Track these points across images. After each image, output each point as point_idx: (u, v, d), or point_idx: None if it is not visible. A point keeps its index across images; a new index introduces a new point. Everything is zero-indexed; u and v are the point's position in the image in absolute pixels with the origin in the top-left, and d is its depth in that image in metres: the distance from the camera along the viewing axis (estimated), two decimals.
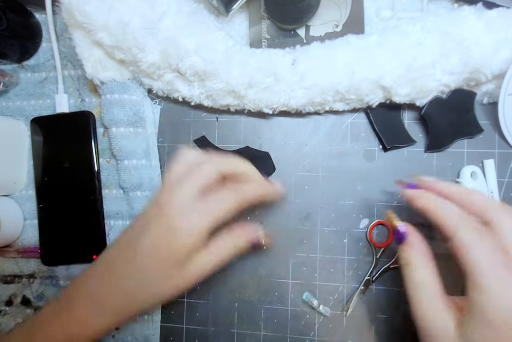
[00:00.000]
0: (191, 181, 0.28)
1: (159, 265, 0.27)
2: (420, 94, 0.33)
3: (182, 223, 0.27)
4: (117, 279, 0.28)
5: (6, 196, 0.41)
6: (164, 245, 0.27)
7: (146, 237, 0.28)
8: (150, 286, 0.28)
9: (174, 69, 0.35)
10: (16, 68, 0.42)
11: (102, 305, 0.28)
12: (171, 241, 0.27)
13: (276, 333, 0.38)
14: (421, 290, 0.25)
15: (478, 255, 0.22)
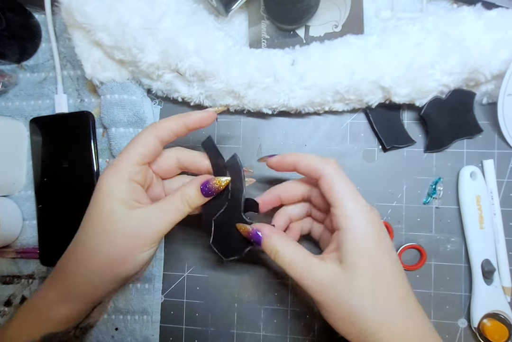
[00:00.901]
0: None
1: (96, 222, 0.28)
2: (420, 95, 0.34)
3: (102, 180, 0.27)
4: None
5: (5, 196, 0.41)
6: (94, 203, 0.27)
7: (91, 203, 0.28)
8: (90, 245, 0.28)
9: (174, 69, 0.35)
10: (15, 69, 0.42)
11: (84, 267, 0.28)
12: (97, 198, 0.27)
13: (276, 334, 0.38)
14: (296, 263, 0.25)
15: (344, 183, 0.26)
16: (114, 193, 0.27)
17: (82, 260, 0.28)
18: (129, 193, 0.27)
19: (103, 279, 0.28)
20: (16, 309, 0.41)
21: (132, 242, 0.27)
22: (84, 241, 0.28)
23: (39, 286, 0.41)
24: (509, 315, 0.34)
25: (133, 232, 0.27)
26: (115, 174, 0.27)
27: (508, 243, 0.35)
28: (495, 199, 0.35)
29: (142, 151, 0.28)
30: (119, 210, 0.27)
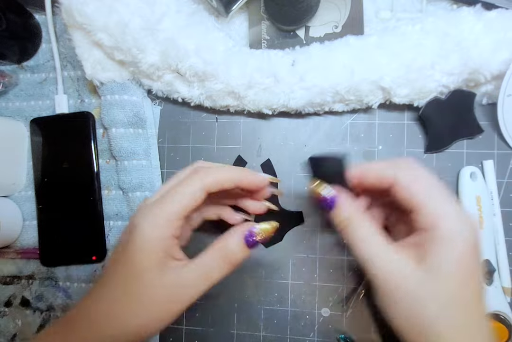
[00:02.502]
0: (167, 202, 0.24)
1: (125, 281, 0.24)
2: (420, 95, 0.34)
3: (138, 224, 0.24)
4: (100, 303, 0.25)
5: (5, 196, 0.41)
6: (126, 253, 0.24)
7: (116, 251, 0.26)
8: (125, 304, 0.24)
9: (174, 70, 0.35)
10: (15, 69, 0.42)
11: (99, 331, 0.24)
12: (130, 248, 0.24)
13: (276, 334, 0.38)
14: (370, 244, 0.23)
15: (425, 184, 0.23)
16: (152, 252, 0.23)
17: (97, 322, 0.24)
18: (168, 250, 0.24)
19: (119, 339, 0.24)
20: (16, 309, 0.41)
21: (160, 311, 0.23)
22: (103, 298, 0.24)
23: (39, 287, 0.41)
24: (509, 315, 0.34)
25: (167, 298, 0.23)
26: (156, 229, 0.23)
27: (508, 243, 0.35)
28: (495, 199, 0.35)
29: (186, 204, 0.24)
30: (156, 274, 0.23)
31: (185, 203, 0.24)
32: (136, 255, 0.23)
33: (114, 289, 0.24)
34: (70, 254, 0.40)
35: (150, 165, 0.39)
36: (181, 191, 0.25)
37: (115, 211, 0.40)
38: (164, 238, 0.24)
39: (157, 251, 0.23)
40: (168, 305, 0.24)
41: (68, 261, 0.40)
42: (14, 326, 0.41)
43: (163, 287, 0.23)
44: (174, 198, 0.24)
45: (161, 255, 0.24)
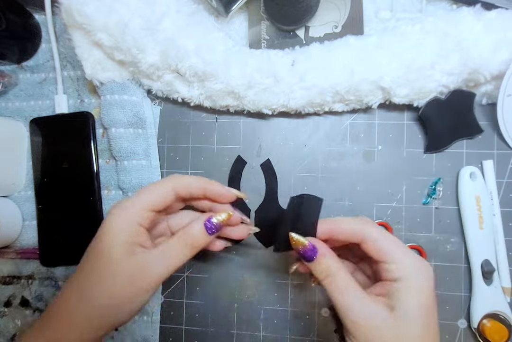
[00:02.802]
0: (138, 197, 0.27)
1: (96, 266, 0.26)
2: (419, 95, 0.34)
3: (110, 213, 0.26)
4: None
5: (5, 196, 0.41)
6: (96, 244, 0.26)
7: (93, 239, 0.27)
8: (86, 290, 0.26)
9: (174, 70, 0.35)
10: (15, 69, 0.42)
11: (74, 313, 0.26)
12: (103, 238, 0.26)
13: (276, 334, 0.38)
14: (349, 293, 0.25)
15: (392, 242, 0.26)
16: (118, 236, 0.26)
17: (75, 305, 0.26)
18: (134, 236, 0.26)
19: (95, 326, 0.26)
20: (15, 309, 0.41)
21: (128, 290, 0.26)
22: (79, 284, 0.27)
23: (38, 287, 0.41)
24: (509, 315, 0.34)
25: (130, 278, 0.25)
26: (124, 216, 0.26)
27: (507, 243, 0.35)
28: (495, 199, 0.35)
29: (155, 200, 0.27)
30: (120, 254, 0.25)
31: (154, 198, 0.27)
32: (106, 240, 0.26)
33: (89, 273, 0.26)
34: (69, 254, 0.40)
35: (150, 166, 0.39)
36: (152, 188, 0.28)
37: None
38: (130, 224, 0.26)
39: (124, 235, 0.26)
40: (133, 286, 0.26)
41: (67, 261, 0.40)
42: (14, 326, 0.41)
43: (129, 269, 0.25)
44: (144, 193, 0.27)
45: (128, 240, 0.26)
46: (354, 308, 0.25)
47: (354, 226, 0.27)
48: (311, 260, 0.26)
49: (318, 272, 0.26)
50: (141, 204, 0.27)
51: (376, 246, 0.26)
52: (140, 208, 0.27)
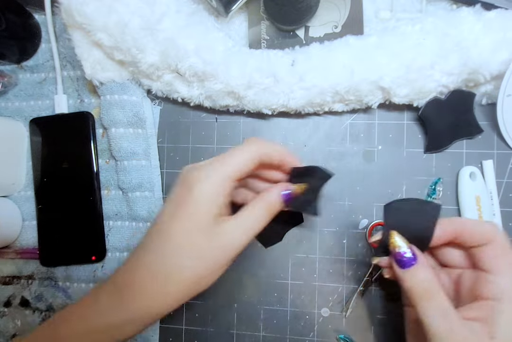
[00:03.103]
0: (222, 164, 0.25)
1: (182, 233, 0.24)
2: (419, 95, 0.34)
3: (195, 181, 0.24)
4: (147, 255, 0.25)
5: (5, 196, 0.41)
6: (183, 210, 0.24)
7: (170, 204, 0.26)
8: (173, 258, 0.24)
9: (174, 70, 0.35)
10: (15, 69, 0.42)
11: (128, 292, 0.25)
12: (188, 204, 0.24)
13: (276, 334, 0.38)
14: (447, 318, 0.22)
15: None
16: (210, 208, 0.24)
17: (157, 272, 0.24)
18: (218, 207, 0.25)
19: (171, 298, 0.24)
20: (15, 309, 0.41)
21: (215, 262, 0.25)
22: (161, 249, 0.25)
23: (38, 287, 0.41)
24: None
25: (213, 250, 0.24)
26: (209, 186, 0.24)
27: None
28: (495, 199, 0.35)
29: (241, 169, 0.25)
30: (209, 225, 0.24)
31: (239, 167, 0.25)
32: (196, 212, 0.24)
33: (174, 241, 0.24)
34: (69, 254, 0.40)
35: (150, 165, 0.39)
36: (239, 154, 0.26)
37: (115, 211, 0.40)
38: (216, 194, 0.25)
39: (210, 206, 0.24)
40: (220, 258, 0.25)
41: (67, 261, 0.40)
42: (14, 326, 0.41)
43: (210, 241, 0.24)
44: (228, 160, 0.25)
45: (213, 211, 0.24)
46: (452, 335, 0.22)
47: (485, 228, 0.24)
48: (407, 267, 0.24)
49: (411, 284, 0.24)
50: (226, 173, 0.25)
51: (498, 252, 0.23)
52: (225, 178, 0.25)
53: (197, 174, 0.25)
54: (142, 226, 0.39)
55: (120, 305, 0.24)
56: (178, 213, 0.25)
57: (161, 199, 0.40)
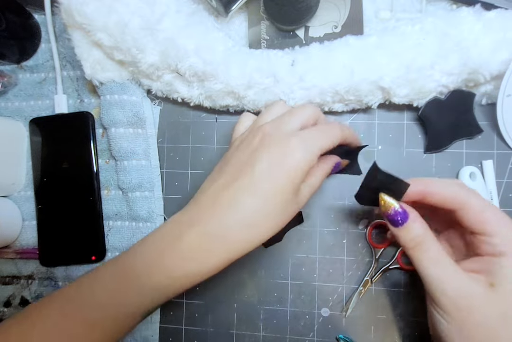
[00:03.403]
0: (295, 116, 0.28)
1: (278, 190, 0.25)
2: (419, 95, 0.34)
3: (297, 148, 0.25)
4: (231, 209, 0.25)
5: (5, 196, 0.41)
6: (281, 170, 0.25)
7: (263, 161, 0.26)
8: (270, 215, 0.25)
9: (173, 70, 0.35)
10: (15, 69, 0.42)
11: (219, 238, 0.25)
12: (288, 166, 0.25)
13: (276, 334, 0.38)
14: (443, 265, 0.23)
15: (497, 214, 0.24)
16: (303, 175, 0.26)
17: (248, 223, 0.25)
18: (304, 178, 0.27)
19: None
20: (15, 309, 0.41)
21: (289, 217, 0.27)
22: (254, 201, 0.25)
23: (38, 287, 0.41)
24: None
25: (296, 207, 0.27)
26: (310, 159, 0.26)
27: None
28: (495, 199, 0.35)
29: (329, 147, 0.27)
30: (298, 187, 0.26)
31: (334, 143, 0.27)
32: (295, 172, 0.25)
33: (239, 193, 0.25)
34: (69, 254, 0.40)
35: (150, 165, 0.39)
36: (335, 131, 0.28)
37: (115, 211, 0.40)
38: (311, 165, 0.26)
39: (305, 173, 0.26)
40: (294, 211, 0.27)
41: (67, 261, 0.40)
42: None
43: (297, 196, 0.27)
44: (329, 135, 0.27)
45: (304, 177, 0.26)
46: (450, 282, 0.23)
47: (455, 190, 0.24)
48: (400, 225, 0.25)
49: (407, 239, 0.24)
50: (322, 148, 0.26)
51: (479, 216, 0.24)
52: (319, 152, 0.26)
53: (296, 141, 0.26)
54: (142, 226, 0.39)
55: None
56: (278, 172, 0.25)
57: (161, 199, 0.40)
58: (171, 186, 0.40)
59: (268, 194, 0.25)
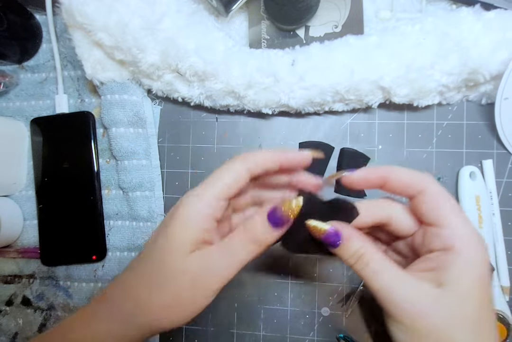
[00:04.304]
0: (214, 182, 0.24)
1: (164, 256, 0.23)
2: (420, 95, 0.34)
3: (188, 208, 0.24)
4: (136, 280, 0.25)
5: (6, 196, 0.42)
6: (169, 232, 0.23)
7: (160, 224, 0.25)
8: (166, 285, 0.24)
9: (174, 69, 0.35)
10: (16, 69, 0.42)
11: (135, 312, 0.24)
12: (177, 228, 0.23)
13: (276, 333, 0.38)
14: (386, 273, 0.22)
15: (452, 204, 0.23)
16: (190, 230, 0.23)
17: (132, 295, 0.24)
18: (205, 231, 0.23)
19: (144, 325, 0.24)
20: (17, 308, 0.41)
21: (190, 292, 0.24)
22: (140, 274, 0.24)
23: (39, 286, 0.41)
24: (508, 314, 0.34)
25: (194, 279, 0.23)
26: (197, 207, 0.23)
27: (506, 242, 0.35)
28: (494, 199, 0.35)
29: (231, 185, 0.24)
30: (187, 252, 0.23)
31: (228, 183, 0.24)
32: (178, 233, 0.23)
33: (152, 265, 0.24)
34: (70, 253, 0.40)
35: (150, 165, 0.39)
36: (224, 172, 0.24)
37: (115, 210, 0.40)
38: (204, 216, 0.23)
39: (196, 229, 0.23)
40: (194, 290, 0.24)
41: (68, 261, 0.40)
42: (16, 325, 0.41)
43: (191, 269, 0.23)
44: (216, 179, 0.24)
45: (199, 236, 0.23)
46: (395, 289, 0.22)
47: (415, 175, 0.23)
48: (337, 245, 0.23)
49: (346, 257, 0.23)
50: (216, 192, 0.23)
51: (434, 204, 0.23)
52: (216, 197, 0.23)
53: (184, 198, 0.24)
54: (142, 225, 0.39)
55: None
56: (159, 237, 0.24)
57: (161, 199, 0.40)
58: (172, 185, 0.41)
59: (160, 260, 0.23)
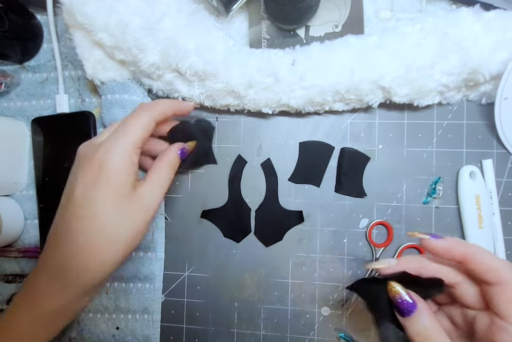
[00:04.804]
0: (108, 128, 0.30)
1: (109, 204, 0.26)
2: (419, 95, 0.34)
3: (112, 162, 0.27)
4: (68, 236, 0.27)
5: (7, 196, 0.42)
6: (103, 187, 0.26)
7: (78, 184, 0.27)
8: (107, 228, 0.26)
9: (174, 69, 0.35)
10: (17, 69, 0.43)
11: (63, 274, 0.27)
12: (110, 181, 0.27)
13: (276, 333, 0.38)
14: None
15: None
16: (126, 177, 0.27)
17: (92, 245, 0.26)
18: (134, 174, 0.28)
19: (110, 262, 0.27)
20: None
21: (142, 222, 0.27)
22: (89, 225, 0.26)
23: None
24: None
25: (142, 211, 0.27)
26: (124, 157, 0.27)
27: (506, 242, 0.35)
28: (494, 198, 0.35)
29: (143, 135, 0.28)
30: (130, 192, 0.27)
31: (142, 132, 0.28)
32: (116, 180, 0.27)
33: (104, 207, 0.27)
34: None
35: None
36: (135, 122, 0.28)
37: None
38: (131, 165, 0.27)
39: (130, 176, 0.27)
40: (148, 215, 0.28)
41: None
42: None
43: (141, 201, 0.28)
44: (130, 129, 0.28)
45: (133, 179, 0.28)
46: None
47: (499, 264, 0.23)
48: (407, 315, 0.24)
49: (413, 332, 0.24)
50: (130, 142, 0.27)
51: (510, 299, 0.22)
52: (131, 147, 0.27)
53: (103, 150, 0.27)
54: None
55: (63, 288, 0.27)
56: (96, 188, 0.26)
57: None
58: (172, 185, 0.41)
59: (104, 210, 0.26)
